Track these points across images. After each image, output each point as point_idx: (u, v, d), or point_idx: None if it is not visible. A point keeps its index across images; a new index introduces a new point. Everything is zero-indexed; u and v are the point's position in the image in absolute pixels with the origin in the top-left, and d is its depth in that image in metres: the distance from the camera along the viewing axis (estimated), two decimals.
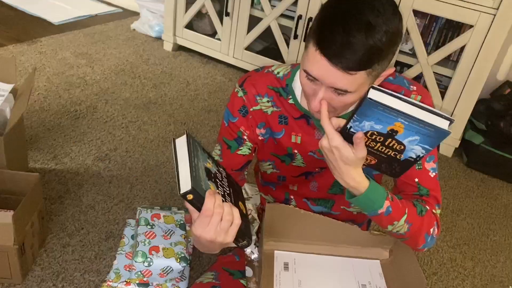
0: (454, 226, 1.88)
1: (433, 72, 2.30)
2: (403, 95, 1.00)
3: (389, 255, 1.21)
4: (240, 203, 0.90)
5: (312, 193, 1.18)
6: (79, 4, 3.58)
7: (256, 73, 1.08)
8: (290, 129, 1.05)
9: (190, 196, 0.74)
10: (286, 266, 1.19)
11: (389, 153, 0.85)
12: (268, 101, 1.05)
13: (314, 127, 1.04)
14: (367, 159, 0.88)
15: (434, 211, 1.02)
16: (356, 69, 0.80)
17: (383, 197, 0.91)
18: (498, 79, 2.57)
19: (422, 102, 0.98)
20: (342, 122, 0.83)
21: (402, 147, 0.82)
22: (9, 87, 1.55)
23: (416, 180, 1.03)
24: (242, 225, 0.82)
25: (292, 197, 1.23)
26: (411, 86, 1.02)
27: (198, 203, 0.75)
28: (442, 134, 0.78)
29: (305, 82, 0.88)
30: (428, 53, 2.29)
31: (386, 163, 0.88)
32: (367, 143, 0.83)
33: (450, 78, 2.27)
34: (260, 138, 1.10)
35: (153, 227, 1.32)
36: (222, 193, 0.82)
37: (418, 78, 2.44)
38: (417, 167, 1.02)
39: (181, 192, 0.74)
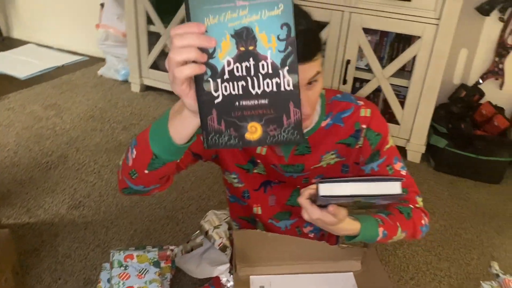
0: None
1: (390, 84, 2.39)
2: (352, 110, 1.07)
3: (361, 266, 1.25)
4: None
5: (273, 208, 1.21)
6: (45, 57, 3.64)
7: None
8: None
9: None
10: None
11: (360, 205, 0.92)
12: None
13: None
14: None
15: (417, 205, 1.11)
16: (317, 50, 0.88)
17: (376, 226, 0.98)
18: (454, 83, 2.69)
19: (371, 116, 1.06)
20: (313, 189, 0.88)
21: (370, 203, 0.90)
22: None
23: None
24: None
25: (257, 220, 1.26)
26: (359, 101, 1.09)
27: (187, 12, 0.63)
28: (397, 196, 0.84)
29: None
30: (383, 67, 2.38)
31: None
32: (341, 204, 0.89)
33: (407, 87, 2.36)
34: None
35: (127, 268, 1.34)
36: (230, 67, 0.65)
37: (377, 91, 2.54)
38: (390, 172, 1.09)
39: None
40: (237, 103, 0.65)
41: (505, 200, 2.18)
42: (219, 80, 0.64)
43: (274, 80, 0.64)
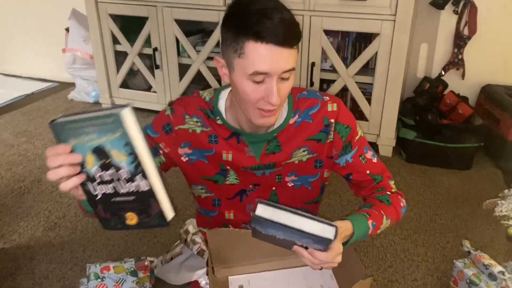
0: (402, 218, 1.95)
1: (356, 82, 2.45)
2: (319, 106, 1.10)
3: None
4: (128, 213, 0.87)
5: (249, 215, 1.22)
6: (13, 86, 3.62)
7: (186, 96, 1.14)
8: (220, 148, 1.10)
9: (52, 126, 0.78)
10: None
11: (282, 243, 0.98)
12: (197, 121, 1.10)
13: (245, 144, 1.10)
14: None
15: (392, 190, 1.15)
16: (297, 40, 0.91)
17: (365, 220, 1.02)
18: (418, 76, 2.77)
19: (338, 110, 1.10)
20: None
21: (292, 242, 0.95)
22: None
23: (368, 172, 1.15)
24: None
25: (230, 226, 1.27)
26: (324, 97, 1.12)
27: (56, 137, 0.79)
28: (326, 241, 0.88)
29: (252, 89, 0.93)
30: (347, 66, 2.44)
31: None
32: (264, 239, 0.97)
33: (372, 84, 2.42)
34: (184, 158, 1.13)
35: (104, 279, 1.33)
36: (98, 174, 0.80)
37: (344, 90, 2.60)
38: (363, 162, 1.14)
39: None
40: (112, 199, 0.82)
41: (475, 184, 2.24)
42: (95, 184, 0.81)
43: (134, 184, 0.80)
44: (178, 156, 1.13)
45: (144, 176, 0.79)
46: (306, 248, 0.93)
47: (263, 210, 0.88)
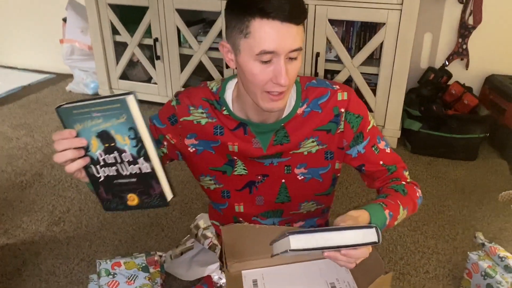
0: None
1: (361, 73, 2.42)
2: (329, 95, 1.07)
3: None
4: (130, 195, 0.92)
5: (260, 208, 1.20)
6: (9, 77, 3.55)
7: (193, 87, 1.12)
8: (226, 139, 1.08)
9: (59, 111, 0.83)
10: (255, 284, 1.20)
11: None
12: (202, 112, 1.08)
13: (252, 135, 1.07)
14: None
15: (408, 180, 1.12)
16: (303, 17, 0.89)
17: (382, 210, 0.99)
18: (422, 67, 2.75)
19: (348, 99, 1.06)
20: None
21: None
22: None
23: (381, 162, 1.11)
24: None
25: (241, 219, 1.24)
26: (334, 86, 1.09)
27: (62, 123, 0.85)
28: (373, 244, 0.87)
29: (260, 70, 0.90)
30: (352, 57, 2.41)
31: None
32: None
33: (377, 75, 2.40)
34: (191, 149, 1.12)
35: (115, 275, 1.31)
36: (102, 157, 0.86)
37: (349, 81, 2.57)
38: (376, 152, 1.10)
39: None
40: (115, 181, 0.88)
41: (482, 175, 2.24)
42: (98, 166, 0.87)
43: (136, 166, 0.86)
44: (185, 147, 1.12)
45: (146, 159, 0.85)
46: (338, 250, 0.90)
47: (297, 241, 0.85)
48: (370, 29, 2.51)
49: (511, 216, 1.84)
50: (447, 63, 2.65)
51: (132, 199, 0.90)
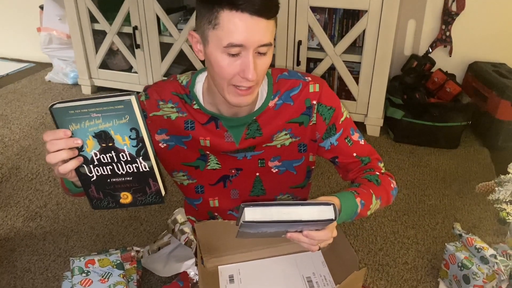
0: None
1: (343, 61, 2.39)
2: (301, 87, 1.05)
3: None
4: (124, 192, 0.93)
5: (235, 201, 1.19)
6: None
7: (162, 81, 1.10)
8: (197, 134, 1.06)
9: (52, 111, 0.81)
10: (231, 279, 1.19)
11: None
12: (172, 107, 1.05)
13: (224, 129, 1.05)
14: None
15: (382, 171, 1.11)
16: (274, 11, 0.87)
17: (353, 198, 0.97)
18: (406, 54, 2.73)
19: (320, 91, 1.04)
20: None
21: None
22: None
23: (355, 154, 1.10)
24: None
25: (216, 214, 1.23)
26: (306, 78, 1.07)
27: (55, 122, 0.82)
28: (328, 222, 0.85)
29: (227, 62, 0.88)
30: (335, 45, 2.38)
31: None
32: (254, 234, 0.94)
33: (360, 63, 2.37)
34: (162, 145, 1.10)
35: (89, 273, 1.28)
36: (96, 157, 0.86)
37: (331, 69, 2.54)
38: (349, 144, 1.09)
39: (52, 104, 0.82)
40: (108, 180, 0.88)
41: (463, 163, 2.24)
42: (91, 166, 0.86)
43: (133, 165, 0.86)
44: (156, 143, 1.10)
45: (145, 158, 0.85)
46: (300, 231, 0.89)
47: (252, 213, 0.83)
48: (353, 16, 2.48)
49: (490, 206, 1.84)
50: (430, 50, 2.64)
51: (125, 197, 0.90)
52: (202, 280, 1.12)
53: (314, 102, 1.05)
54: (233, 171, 1.13)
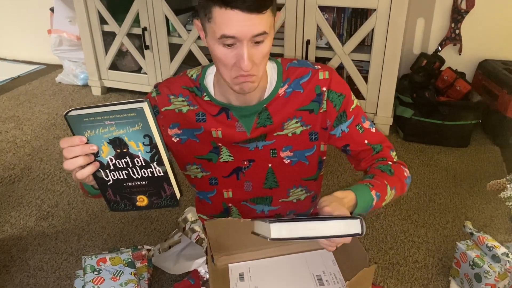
0: (401, 198, 1.94)
1: (352, 60, 2.39)
2: (310, 75, 1.05)
3: None
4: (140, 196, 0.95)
5: (248, 193, 1.19)
6: None
7: (172, 77, 1.12)
8: (209, 126, 1.07)
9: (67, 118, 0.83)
10: (241, 277, 1.19)
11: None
12: (183, 100, 1.07)
13: (235, 119, 1.06)
14: None
15: (394, 160, 1.11)
16: (265, 6, 0.86)
17: (368, 191, 0.97)
18: (415, 53, 2.72)
19: (330, 78, 1.05)
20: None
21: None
22: None
23: (366, 141, 1.10)
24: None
25: (230, 205, 1.23)
26: (316, 66, 1.07)
27: (71, 129, 0.85)
28: (356, 235, 0.86)
29: (224, 53, 0.90)
30: (343, 44, 2.38)
31: None
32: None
33: (368, 62, 2.37)
34: (174, 139, 1.10)
35: (100, 272, 1.30)
36: (112, 162, 0.88)
37: (340, 68, 2.54)
38: (360, 131, 1.09)
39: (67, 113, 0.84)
40: (124, 184, 0.90)
41: (473, 162, 2.22)
42: (107, 170, 0.88)
43: (148, 170, 0.89)
44: (168, 138, 1.11)
45: (159, 163, 0.87)
46: None
47: (278, 230, 0.84)
48: (361, 15, 2.47)
49: (502, 204, 1.83)
50: (439, 48, 2.62)
51: (142, 200, 0.93)
52: (213, 278, 1.12)
53: (324, 88, 1.05)
54: (245, 162, 1.13)
